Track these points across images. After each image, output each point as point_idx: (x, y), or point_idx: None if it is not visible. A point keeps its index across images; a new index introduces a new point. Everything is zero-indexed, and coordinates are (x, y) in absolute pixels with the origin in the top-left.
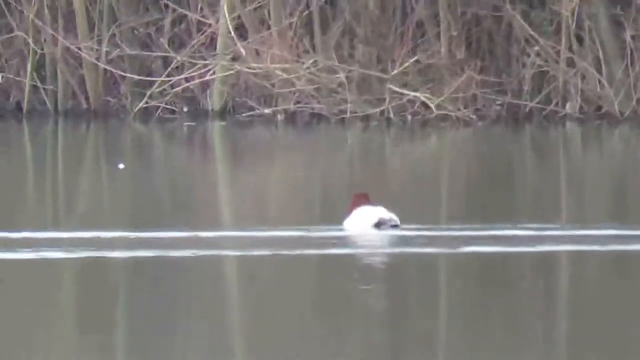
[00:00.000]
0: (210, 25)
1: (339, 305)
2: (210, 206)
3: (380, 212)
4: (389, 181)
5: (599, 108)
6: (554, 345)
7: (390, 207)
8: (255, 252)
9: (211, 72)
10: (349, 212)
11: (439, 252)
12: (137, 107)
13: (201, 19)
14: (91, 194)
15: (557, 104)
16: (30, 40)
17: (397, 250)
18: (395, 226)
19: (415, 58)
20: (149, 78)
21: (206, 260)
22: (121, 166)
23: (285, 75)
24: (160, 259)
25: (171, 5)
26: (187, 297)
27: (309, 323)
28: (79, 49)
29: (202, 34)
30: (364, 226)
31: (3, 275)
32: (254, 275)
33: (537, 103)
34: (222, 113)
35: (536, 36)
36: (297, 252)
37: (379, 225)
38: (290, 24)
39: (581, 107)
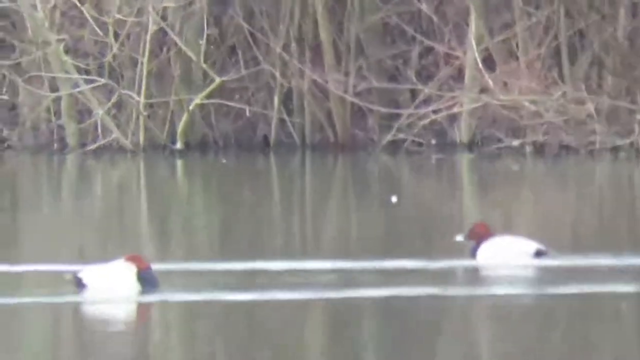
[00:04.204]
0: (458, 57)
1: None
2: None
3: (530, 242)
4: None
5: None
6: None
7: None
8: (481, 291)
9: (459, 104)
10: (477, 243)
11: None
12: (385, 140)
13: (449, 50)
14: (346, 226)
15: None
16: (277, 74)
17: None
18: (550, 255)
19: None
20: (396, 110)
21: (453, 301)
22: (394, 200)
23: (533, 107)
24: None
25: (418, 37)
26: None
27: None
28: (326, 82)
29: (449, 66)
30: (520, 257)
31: (261, 313)
32: (480, 315)
33: None
34: (470, 145)
35: None
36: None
37: (539, 254)
38: (539, 55)
39: None
